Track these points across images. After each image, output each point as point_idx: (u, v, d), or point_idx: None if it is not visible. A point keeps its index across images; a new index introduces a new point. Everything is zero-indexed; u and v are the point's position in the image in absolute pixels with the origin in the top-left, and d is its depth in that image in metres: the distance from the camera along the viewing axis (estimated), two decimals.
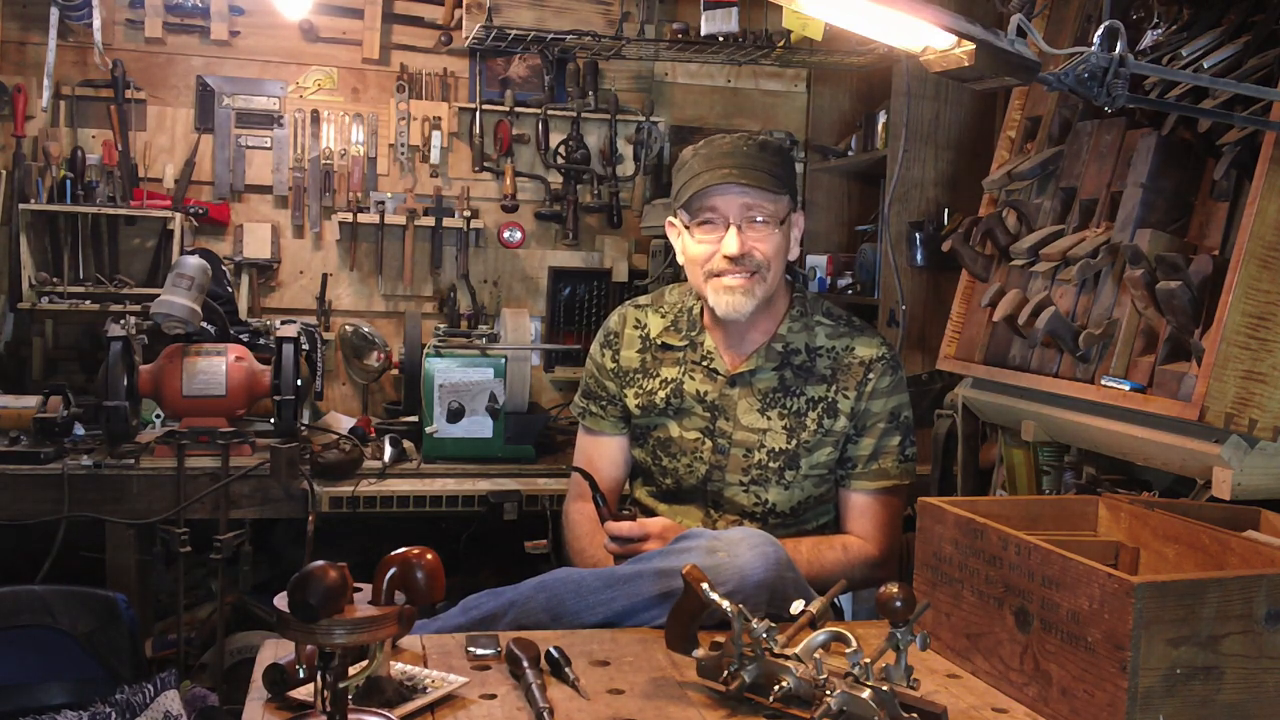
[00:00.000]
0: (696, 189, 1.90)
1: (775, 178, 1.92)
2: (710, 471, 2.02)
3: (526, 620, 1.70)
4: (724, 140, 1.96)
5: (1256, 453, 1.67)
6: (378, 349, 3.80)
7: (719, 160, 1.91)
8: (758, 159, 1.91)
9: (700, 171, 1.91)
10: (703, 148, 1.96)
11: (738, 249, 1.89)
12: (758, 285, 1.92)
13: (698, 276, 1.96)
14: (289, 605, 1.22)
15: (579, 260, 4.04)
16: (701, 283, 1.95)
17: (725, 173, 1.89)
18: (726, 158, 1.91)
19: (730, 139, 1.96)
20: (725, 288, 1.91)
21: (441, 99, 3.89)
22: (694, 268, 1.97)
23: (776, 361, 2.00)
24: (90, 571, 2.76)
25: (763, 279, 1.92)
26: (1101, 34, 1.32)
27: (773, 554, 1.66)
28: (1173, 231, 1.86)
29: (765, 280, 1.93)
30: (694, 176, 1.92)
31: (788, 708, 1.36)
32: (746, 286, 1.91)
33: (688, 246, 1.97)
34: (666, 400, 2.05)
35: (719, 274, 1.92)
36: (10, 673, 2.36)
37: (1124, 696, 1.26)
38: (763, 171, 1.90)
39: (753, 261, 1.91)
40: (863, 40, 3.05)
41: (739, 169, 1.89)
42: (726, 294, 1.91)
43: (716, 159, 1.92)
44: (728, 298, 1.91)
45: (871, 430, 2.00)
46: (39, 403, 2.87)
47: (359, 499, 2.89)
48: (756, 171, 1.90)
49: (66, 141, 3.58)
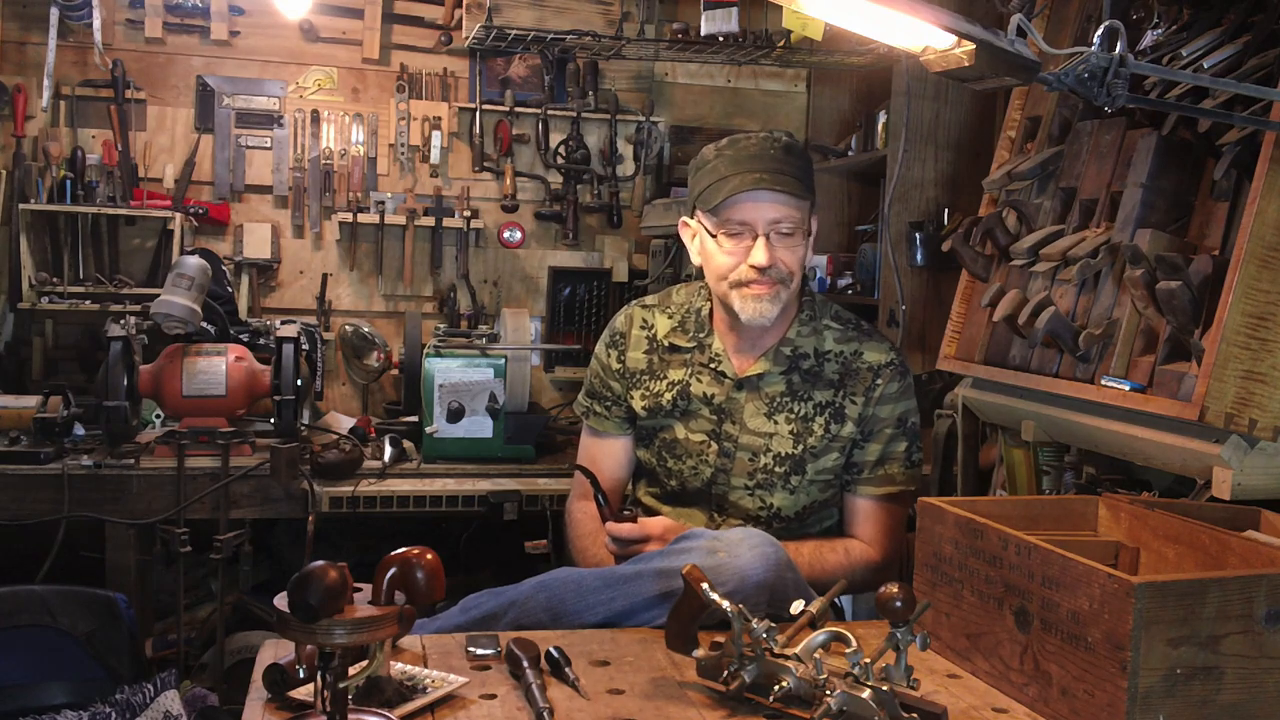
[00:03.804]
0: (727, 194, 1.86)
1: (802, 183, 1.90)
2: (715, 475, 2.01)
3: (526, 620, 1.69)
4: (750, 141, 1.92)
5: (1256, 453, 1.67)
6: (378, 349, 3.80)
7: (747, 164, 1.87)
8: (785, 163, 1.89)
9: (728, 175, 1.87)
10: (727, 149, 1.92)
11: (766, 260, 1.87)
12: (782, 292, 1.91)
13: (720, 283, 1.94)
14: (289, 605, 1.22)
15: (579, 260, 4.05)
16: (726, 290, 1.93)
17: (756, 178, 1.85)
18: (754, 161, 1.88)
19: (756, 140, 1.92)
20: (753, 295, 1.90)
21: (441, 99, 3.89)
22: (716, 274, 1.94)
23: (784, 365, 1.99)
24: (90, 571, 2.77)
25: (786, 287, 1.92)
26: (1101, 34, 1.32)
27: (773, 554, 1.66)
28: (1173, 231, 1.86)
29: (789, 288, 1.92)
30: (721, 179, 1.88)
31: (788, 708, 1.36)
32: (772, 294, 1.90)
33: (711, 253, 1.93)
34: (673, 402, 2.03)
35: (745, 283, 1.90)
36: (10, 673, 2.36)
37: (1124, 696, 1.26)
38: (791, 176, 1.88)
39: (779, 273, 1.89)
40: (863, 40, 3.05)
41: (770, 174, 1.86)
42: (754, 301, 1.90)
43: (745, 162, 1.88)
44: (755, 304, 1.90)
45: (879, 436, 1.99)
46: (39, 403, 2.87)
47: (359, 499, 2.89)
48: (785, 177, 1.87)
49: (66, 141, 3.58)
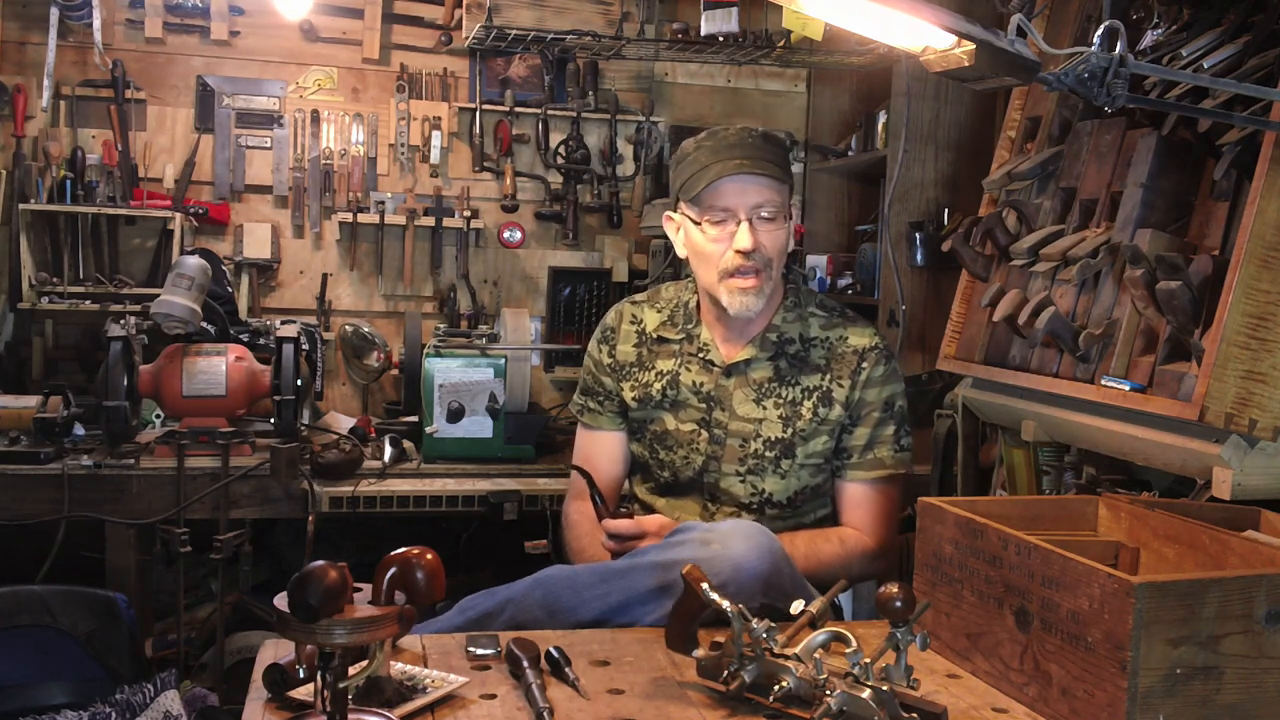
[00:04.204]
0: (710, 180, 1.91)
1: (781, 168, 1.96)
2: (707, 463, 2.03)
3: (523, 618, 1.70)
4: (728, 132, 1.97)
5: (1256, 453, 1.67)
6: (378, 349, 3.80)
7: (726, 152, 1.93)
8: (763, 149, 1.94)
9: (709, 163, 1.93)
10: (706, 140, 1.97)
11: (750, 244, 1.91)
12: (765, 283, 1.95)
13: (709, 273, 1.97)
14: (289, 605, 1.22)
15: (579, 260, 4.04)
16: (715, 281, 1.96)
17: (737, 163, 1.91)
18: (734, 149, 1.93)
19: (734, 131, 1.97)
20: (739, 289, 1.94)
21: (441, 99, 3.89)
22: (704, 263, 1.98)
23: (771, 351, 2.02)
24: (90, 571, 2.77)
25: (769, 276, 1.96)
26: (1101, 34, 1.32)
27: (766, 544, 1.67)
28: (1173, 231, 1.86)
29: (771, 277, 1.97)
30: (702, 169, 1.93)
31: (788, 708, 1.36)
32: (757, 286, 1.94)
33: (697, 242, 1.97)
34: (663, 392, 2.06)
35: (732, 274, 1.94)
36: (10, 673, 2.36)
37: (1124, 696, 1.26)
38: (770, 162, 1.93)
39: (761, 258, 1.93)
40: (863, 40, 3.05)
41: (750, 159, 1.91)
42: (740, 295, 1.94)
43: (724, 150, 1.93)
44: (741, 298, 1.95)
45: (866, 420, 2.01)
46: (39, 403, 2.87)
47: (359, 499, 2.89)
48: (765, 162, 1.93)
49: (66, 141, 3.58)
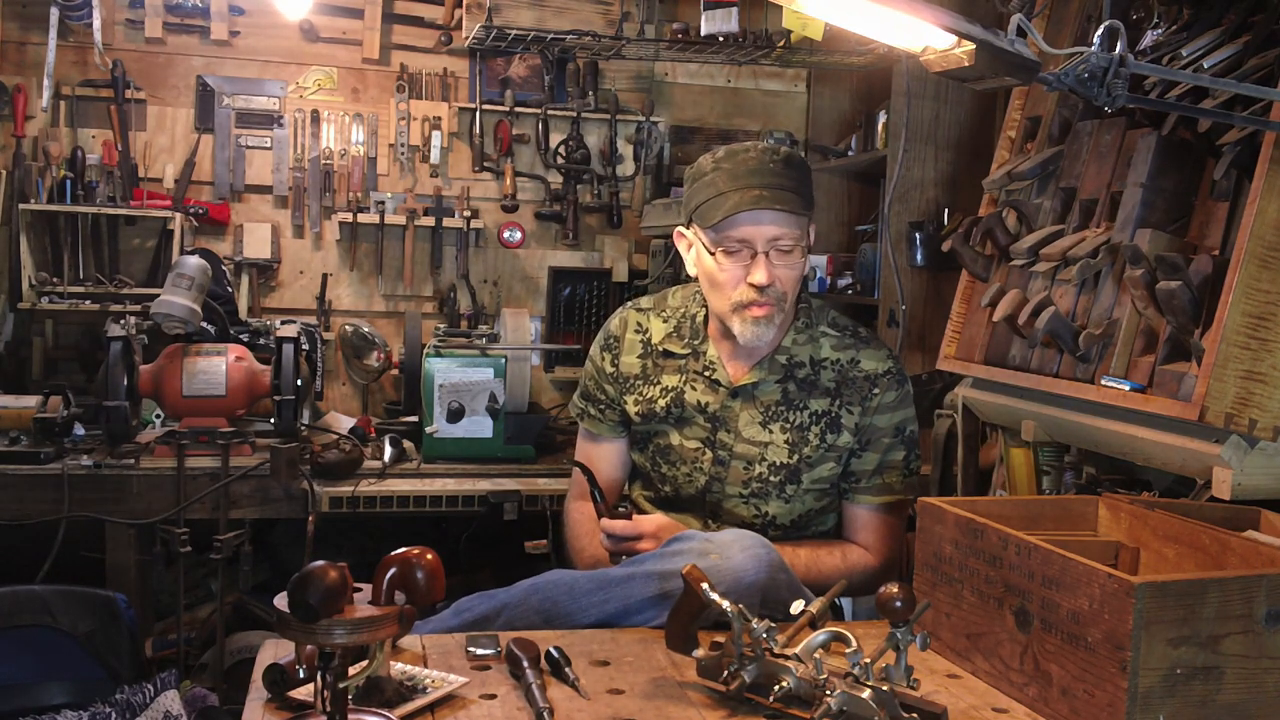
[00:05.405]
0: (727, 211, 1.82)
1: (802, 198, 1.87)
2: (710, 482, 2.00)
3: (519, 622, 1.69)
4: (749, 155, 1.88)
5: (1256, 453, 1.66)
6: (378, 349, 3.80)
7: (746, 179, 1.84)
8: (785, 177, 1.85)
9: (726, 190, 1.84)
10: (725, 161, 1.88)
11: (766, 279, 1.85)
12: (777, 313, 1.90)
13: (721, 301, 1.91)
14: (289, 605, 1.22)
15: (579, 260, 4.05)
16: (727, 310, 1.90)
17: (756, 195, 1.82)
18: (754, 176, 1.84)
19: (755, 153, 1.88)
20: (752, 319, 1.88)
21: (441, 99, 3.89)
22: (716, 290, 1.92)
23: (780, 374, 1.97)
24: (90, 571, 2.77)
25: (782, 307, 1.90)
26: (1101, 34, 1.32)
27: (765, 555, 1.66)
28: (1173, 231, 1.86)
29: (784, 307, 1.91)
30: (719, 195, 1.85)
31: (788, 708, 1.35)
32: (769, 315, 1.89)
33: (710, 269, 1.91)
34: (667, 409, 2.01)
35: (746, 305, 1.88)
36: (10, 673, 2.36)
37: (1124, 696, 1.26)
38: (791, 192, 1.85)
39: (776, 292, 1.88)
40: (863, 40, 3.05)
41: (770, 191, 1.83)
42: (753, 325, 1.88)
43: (744, 177, 1.84)
44: (754, 328, 1.89)
45: (876, 445, 1.97)
46: (39, 403, 2.87)
47: (359, 499, 2.89)
48: (785, 193, 1.84)
49: (66, 141, 3.58)
